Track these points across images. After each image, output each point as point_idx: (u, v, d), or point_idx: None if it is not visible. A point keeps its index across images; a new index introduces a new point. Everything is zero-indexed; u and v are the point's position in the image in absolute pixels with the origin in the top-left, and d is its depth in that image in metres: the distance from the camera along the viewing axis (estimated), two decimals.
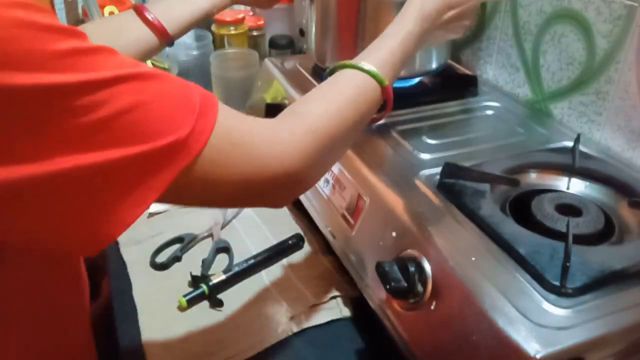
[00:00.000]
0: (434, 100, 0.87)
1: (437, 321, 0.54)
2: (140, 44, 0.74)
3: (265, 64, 1.02)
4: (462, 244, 0.56)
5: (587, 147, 0.73)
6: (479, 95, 0.90)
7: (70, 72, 0.36)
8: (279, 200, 0.55)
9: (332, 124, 0.53)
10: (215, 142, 0.43)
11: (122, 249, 0.81)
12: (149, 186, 0.40)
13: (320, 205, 0.77)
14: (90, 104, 0.36)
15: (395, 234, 0.62)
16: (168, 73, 0.44)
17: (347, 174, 0.72)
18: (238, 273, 0.75)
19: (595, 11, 0.76)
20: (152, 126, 0.40)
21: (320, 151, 0.51)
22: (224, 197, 0.48)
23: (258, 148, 0.47)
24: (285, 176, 0.49)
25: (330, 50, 0.89)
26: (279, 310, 0.71)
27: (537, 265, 0.52)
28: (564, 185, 0.68)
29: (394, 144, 0.75)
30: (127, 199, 0.40)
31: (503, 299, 0.49)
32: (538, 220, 0.60)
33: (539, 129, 0.79)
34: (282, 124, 0.51)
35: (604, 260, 0.52)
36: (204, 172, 0.43)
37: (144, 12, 0.73)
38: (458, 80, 0.93)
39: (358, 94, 0.56)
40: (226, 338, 0.67)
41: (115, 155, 0.38)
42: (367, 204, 0.67)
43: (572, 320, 0.48)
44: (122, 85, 0.38)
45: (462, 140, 0.76)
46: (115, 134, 0.38)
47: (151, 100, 0.40)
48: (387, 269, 0.56)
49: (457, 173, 0.65)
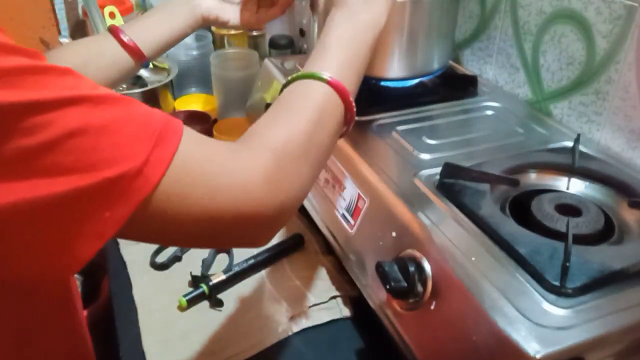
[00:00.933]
0: (434, 101, 0.87)
1: (437, 321, 0.54)
2: (115, 65, 0.73)
3: (265, 64, 1.02)
4: (462, 244, 0.56)
5: (587, 147, 0.73)
6: (478, 96, 0.90)
7: (13, 89, 0.33)
8: (250, 238, 0.49)
9: (297, 145, 0.49)
10: (174, 173, 0.40)
11: (122, 249, 0.81)
12: (104, 220, 0.37)
13: (320, 205, 0.77)
14: (32, 125, 0.33)
15: (395, 234, 0.62)
16: (131, 98, 0.40)
17: (347, 174, 0.72)
18: (238, 273, 0.76)
19: (595, 11, 0.76)
20: (102, 153, 0.36)
21: (288, 177, 0.47)
22: (186, 235, 0.44)
23: (219, 178, 0.43)
24: (252, 209, 0.45)
25: None
26: (279, 310, 0.71)
27: (536, 265, 0.52)
28: (563, 185, 0.68)
29: (394, 144, 0.75)
30: (80, 233, 0.36)
31: (503, 299, 0.49)
32: (538, 220, 0.60)
33: (539, 129, 0.79)
34: (244, 152, 0.47)
35: (603, 260, 0.52)
36: (163, 205, 0.40)
37: (120, 34, 0.72)
38: (458, 81, 0.93)
39: (322, 109, 0.52)
40: (226, 338, 0.67)
41: (61, 184, 0.35)
42: (367, 204, 0.67)
43: (572, 320, 0.48)
44: (70, 107, 0.35)
45: (462, 141, 0.76)
46: (60, 160, 0.35)
47: (103, 125, 0.37)
48: (387, 269, 0.56)
49: (457, 173, 0.65)
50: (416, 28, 0.82)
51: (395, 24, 0.82)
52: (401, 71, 0.86)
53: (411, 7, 0.80)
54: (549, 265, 0.52)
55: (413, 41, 0.83)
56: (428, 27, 0.83)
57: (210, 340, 0.67)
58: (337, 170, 0.74)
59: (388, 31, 0.82)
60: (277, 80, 0.96)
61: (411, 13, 0.81)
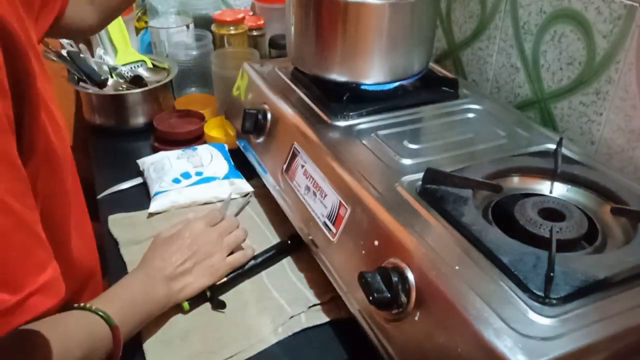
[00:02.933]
0: (415, 104, 0.86)
1: (422, 332, 0.53)
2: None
3: (244, 67, 1.00)
4: (445, 252, 0.55)
5: (570, 150, 0.73)
6: (460, 98, 0.89)
7: None
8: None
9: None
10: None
11: (122, 249, 0.81)
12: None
13: (301, 213, 0.76)
14: None
15: (377, 243, 0.61)
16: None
17: (327, 180, 0.71)
18: (239, 274, 0.76)
19: (595, 11, 0.76)
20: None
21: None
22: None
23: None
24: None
25: (309, 54, 0.87)
26: (279, 310, 0.71)
27: (520, 274, 0.51)
28: (546, 189, 0.67)
29: (375, 149, 0.74)
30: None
31: (488, 309, 0.49)
32: (521, 225, 0.59)
33: (521, 132, 0.78)
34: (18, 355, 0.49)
35: (587, 269, 0.52)
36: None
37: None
38: (439, 83, 0.92)
39: (89, 340, 0.57)
40: (226, 338, 0.67)
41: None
42: (348, 212, 0.66)
43: (558, 329, 0.47)
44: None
45: (444, 145, 0.75)
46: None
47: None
48: (370, 280, 0.55)
49: (439, 179, 0.64)
50: (396, 31, 0.81)
51: (374, 27, 0.81)
52: (381, 75, 0.85)
53: (390, 10, 0.79)
54: (533, 274, 0.51)
55: (393, 44, 0.82)
56: (408, 30, 0.83)
57: (210, 340, 0.67)
58: (318, 177, 0.72)
59: (367, 35, 0.81)
60: (254, 81, 0.95)
61: (390, 16, 0.80)
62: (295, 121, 0.82)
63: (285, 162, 0.81)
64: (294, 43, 0.89)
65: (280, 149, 0.83)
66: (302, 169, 0.76)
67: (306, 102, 0.86)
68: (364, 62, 0.83)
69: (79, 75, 1.11)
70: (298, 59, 0.91)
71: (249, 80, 0.97)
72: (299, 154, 0.78)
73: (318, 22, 0.83)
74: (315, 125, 0.79)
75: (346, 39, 0.82)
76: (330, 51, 0.84)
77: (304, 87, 0.90)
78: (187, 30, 1.24)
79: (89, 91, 1.10)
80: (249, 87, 0.97)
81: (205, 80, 1.20)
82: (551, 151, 0.71)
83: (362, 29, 0.81)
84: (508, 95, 0.95)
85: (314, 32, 0.84)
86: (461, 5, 1.02)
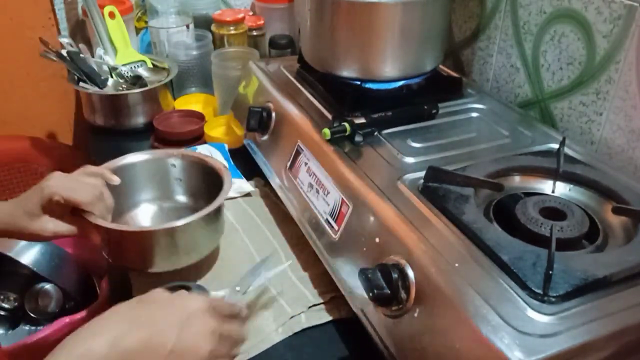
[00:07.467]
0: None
1: (421, 329, 0.53)
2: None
3: (250, 66, 1.01)
4: (445, 249, 0.56)
5: (572, 150, 0.73)
6: (464, 97, 0.89)
7: None
8: None
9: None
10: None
11: None
12: None
13: (303, 210, 0.76)
14: None
15: (378, 240, 0.61)
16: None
17: (330, 178, 0.71)
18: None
19: (595, 11, 0.76)
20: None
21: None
22: None
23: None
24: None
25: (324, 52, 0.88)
26: (279, 311, 0.71)
27: (519, 272, 0.51)
28: (548, 188, 0.67)
29: (379, 147, 0.74)
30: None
31: (487, 306, 0.49)
32: (522, 224, 0.59)
33: (524, 131, 0.78)
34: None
35: (586, 267, 0.52)
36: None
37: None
38: (443, 83, 0.92)
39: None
40: None
41: None
42: (350, 209, 0.66)
43: (556, 327, 0.47)
44: None
45: (447, 143, 0.75)
46: None
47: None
48: (371, 276, 0.56)
49: (441, 177, 0.64)
50: (409, 29, 0.82)
51: (386, 24, 0.81)
52: (389, 72, 0.85)
53: (403, 9, 0.80)
54: (532, 272, 0.51)
55: (406, 42, 0.82)
56: (420, 28, 0.83)
57: None
58: (321, 174, 0.73)
59: (379, 31, 0.82)
60: (258, 79, 0.96)
61: (403, 14, 0.80)
62: (299, 119, 0.82)
63: (289, 159, 0.81)
64: (309, 41, 0.90)
65: (285, 147, 0.84)
66: (305, 167, 0.77)
67: (311, 101, 0.87)
68: (372, 59, 0.84)
69: (79, 75, 1.11)
70: (315, 59, 0.91)
71: (255, 78, 0.98)
72: (303, 151, 0.78)
73: (334, 22, 0.84)
74: (319, 123, 0.80)
75: (363, 37, 0.82)
76: (347, 49, 0.84)
77: (310, 86, 0.91)
78: (187, 30, 1.23)
79: (89, 91, 1.10)
80: (254, 85, 0.97)
81: (205, 80, 1.20)
82: (554, 151, 0.71)
83: (379, 28, 0.82)
84: (508, 95, 0.95)
85: (330, 31, 0.85)
86: (461, 5, 1.02)
